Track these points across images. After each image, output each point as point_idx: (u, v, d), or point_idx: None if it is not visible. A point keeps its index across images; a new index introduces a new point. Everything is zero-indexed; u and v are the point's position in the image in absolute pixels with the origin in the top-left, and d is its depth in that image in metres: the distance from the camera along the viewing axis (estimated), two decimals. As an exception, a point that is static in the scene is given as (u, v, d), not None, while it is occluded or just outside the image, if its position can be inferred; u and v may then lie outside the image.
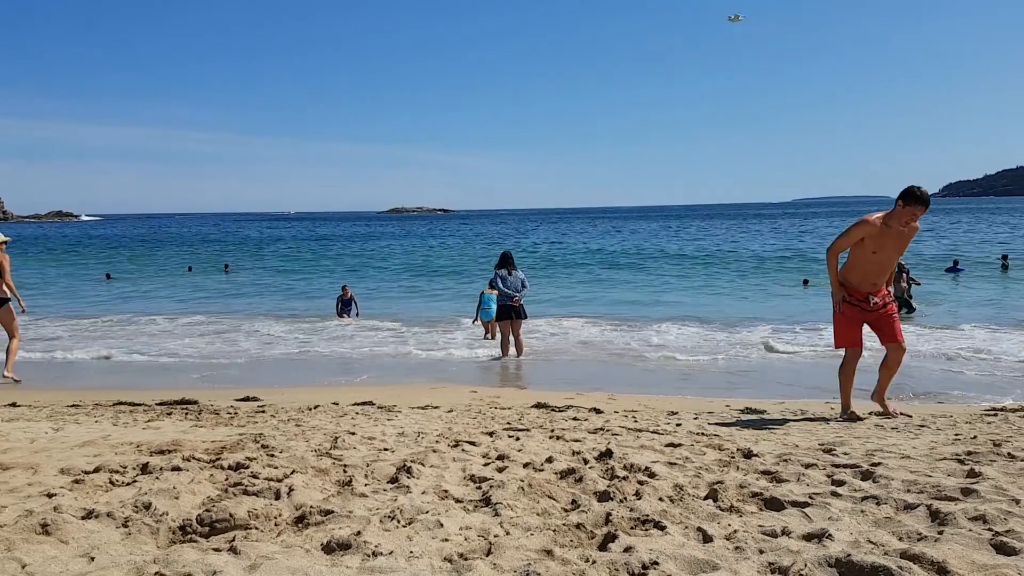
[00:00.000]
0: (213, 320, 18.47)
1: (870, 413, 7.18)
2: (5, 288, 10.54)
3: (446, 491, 3.89)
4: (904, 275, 17.38)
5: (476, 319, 15.31)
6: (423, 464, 4.44)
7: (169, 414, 7.42)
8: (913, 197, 6.32)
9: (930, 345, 13.03)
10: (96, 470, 4.34)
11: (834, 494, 3.78)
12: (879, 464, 4.42)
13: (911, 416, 7.00)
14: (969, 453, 4.80)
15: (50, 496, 3.74)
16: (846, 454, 4.91)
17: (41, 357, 13.03)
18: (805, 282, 24.19)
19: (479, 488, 3.97)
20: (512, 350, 12.76)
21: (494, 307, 14.79)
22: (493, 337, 14.87)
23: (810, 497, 3.71)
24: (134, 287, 28.20)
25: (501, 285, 12.88)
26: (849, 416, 6.82)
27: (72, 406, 8.14)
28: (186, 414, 7.40)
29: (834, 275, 6.74)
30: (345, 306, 17.94)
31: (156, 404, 8.13)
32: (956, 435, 5.78)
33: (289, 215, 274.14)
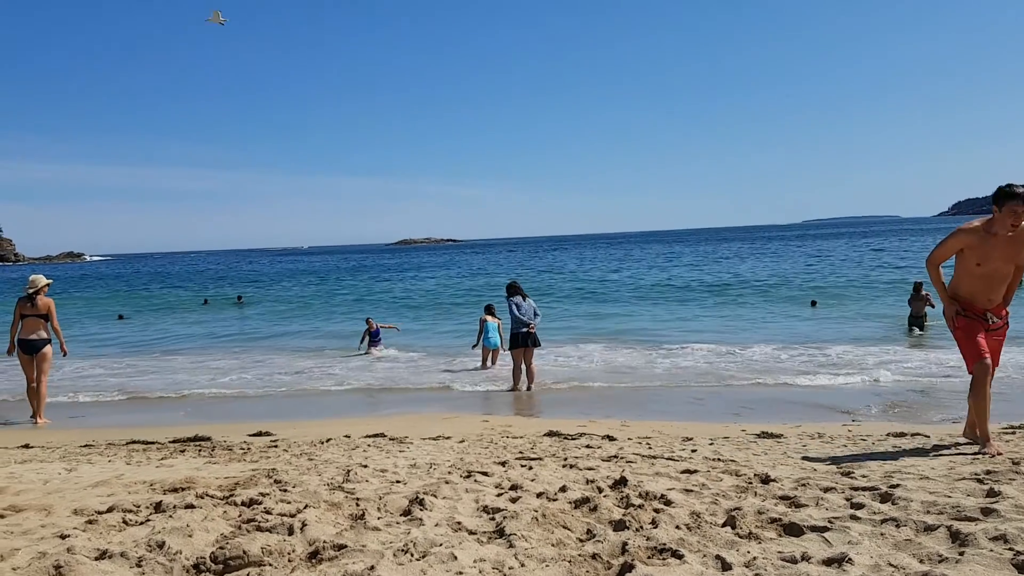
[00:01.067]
0: (227, 354, 18.52)
1: (887, 434, 7.09)
2: (51, 330, 10.73)
3: (459, 523, 3.86)
4: (923, 296, 17.18)
5: (477, 345, 15.07)
6: (436, 496, 4.41)
7: (182, 451, 7.41)
8: (1008, 195, 5.51)
9: (936, 366, 12.94)
10: (109, 510, 4.32)
11: (853, 517, 3.73)
12: (898, 486, 4.37)
13: (929, 436, 6.92)
14: (988, 472, 4.75)
15: (63, 537, 3.73)
16: (864, 476, 4.86)
17: (63, 399, 13.07)
18: (813, 303, 24.00)
19: (492, 519, 3.94)
20: (524, 379, 12.65)
21: (495, 335, 14.76)
22: (494, 364, 14.79)
23: (829, 521, 3.66)
24: (149, 323, 28.31)
25: (516, 312, 12.70)
26: (987, 448, 5.72)
27: (85, 446, 8.14)
28: (199, 451, 7.39)
29: (940, 288, 6.02)
30: (373, 337, 17.48)
31: (169, 442, 8.12)
32: (974, 455, 5.71)
33: (302, 249, 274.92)
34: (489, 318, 14.89)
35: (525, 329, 12.60)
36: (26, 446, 8.23)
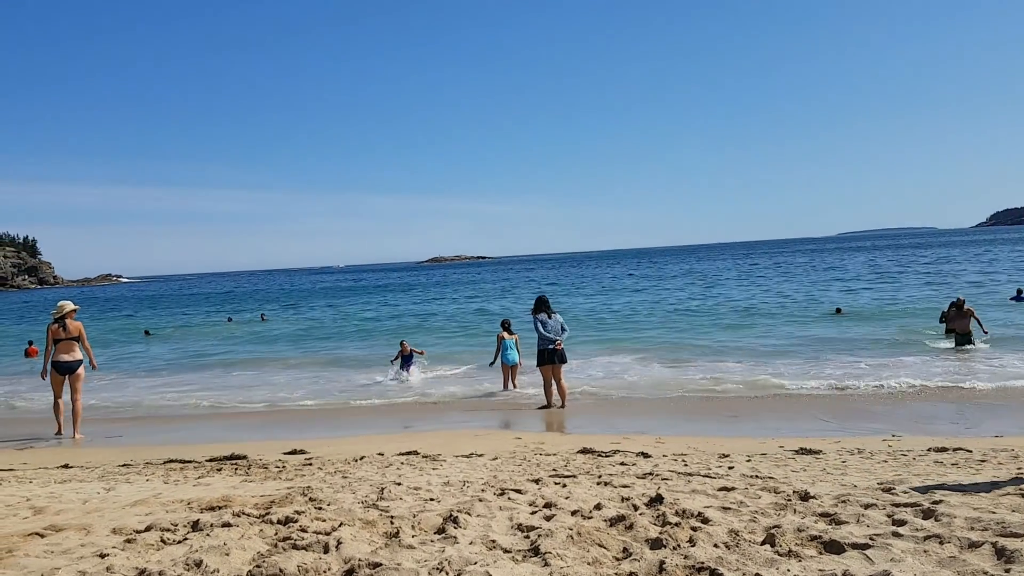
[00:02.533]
0: (245, 372, 18.71)
1: (928, 449, 6.97)
2: (83, 349, 11.41)
3: (494, 541, 3.84)
4: (970, 316, 16.56)
5: (494, 362, 14.80)
6: (469, 514, 4.40)
7: (219, 470, 7.47)
8: None
9: (986, 376, 12.69)
10: (147, 529, 4.36)
11: (895, 534, 3.66)
12: (940, 502, 4.27)
13: (971, 451, 6.78)
14: (1035, 488, 4.63)
15: (103, 556, 3.77)
16: (906, 493, 4.76)
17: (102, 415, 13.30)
18: (838, 311, 24.25)
19: (527, 537, 3.91)
20: (555, 397, 12.52)
21: (513, 352, 14.56)
22: (515, 384, 14.48)
23: (871, 538, 3.59)
24: (178, 343, 28.73)
25: (542, 330, 12.51)
26: None
27: (123, 465, 8.24)
28: (235, 469, 7.45)
29: None
30: (406, 362, 16.72)
31: (206, 460, 8.20)
32: (1019, 469, 5.58)
33: (335, 268, 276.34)
34: (506, 335, 14.67)
35: (552, 346, 12.41)
36: (66, 466, 8.36)
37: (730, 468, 6.32)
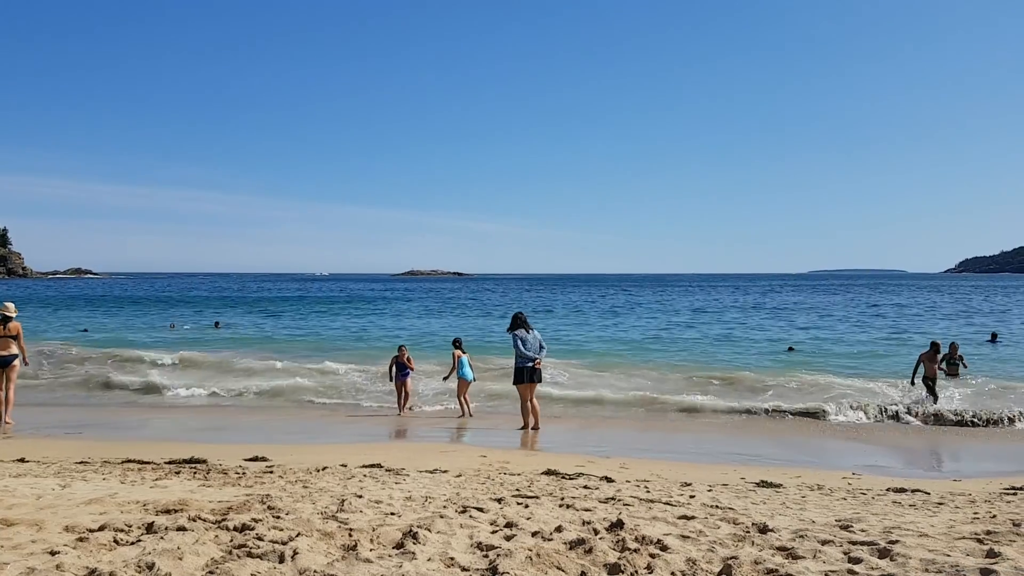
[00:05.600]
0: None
1: (888, 489, 7.03)
2: (20, 348, 12.38)
3: (452, 559, 3.82)
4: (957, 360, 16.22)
5: (448, 377, 14.51)
6: (430, 530, 4.38)
7: (177, 473, 7.37)
8: None
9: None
10: (101, 528, 4.30)
11: (851, 572, 3.69)
12: (897, 542, 4.31)
13: (929, 493, 6.86)
14: (988, 532, 4.69)
15: (53, 554, 3.70)
16: (863, 531, 4.80)
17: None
18: (790, 349, 24.33)
19: (486, 556, 3.90)
20: (531, 418, 12.19)
21: (467, 369, 14.29)
22: (466, 401, 14.09)
23: (826, 575, 3.62)
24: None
25: (521, 347, 12.11)
26: None
27: (80, 463, 8.11)
28: (194, 473, 7.35)
29: None
30: (400, 370, 14.77)
31: (165, 462, 8.09)
32: (975, 514, 5.65)
33: (319, 276, 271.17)
34: (460, 352, 14.47)
35: (531, 364, 12.08)
36: (21, 460, 8.21)
37: (691, 497, 6.34)
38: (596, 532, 4.54)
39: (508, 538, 4.30)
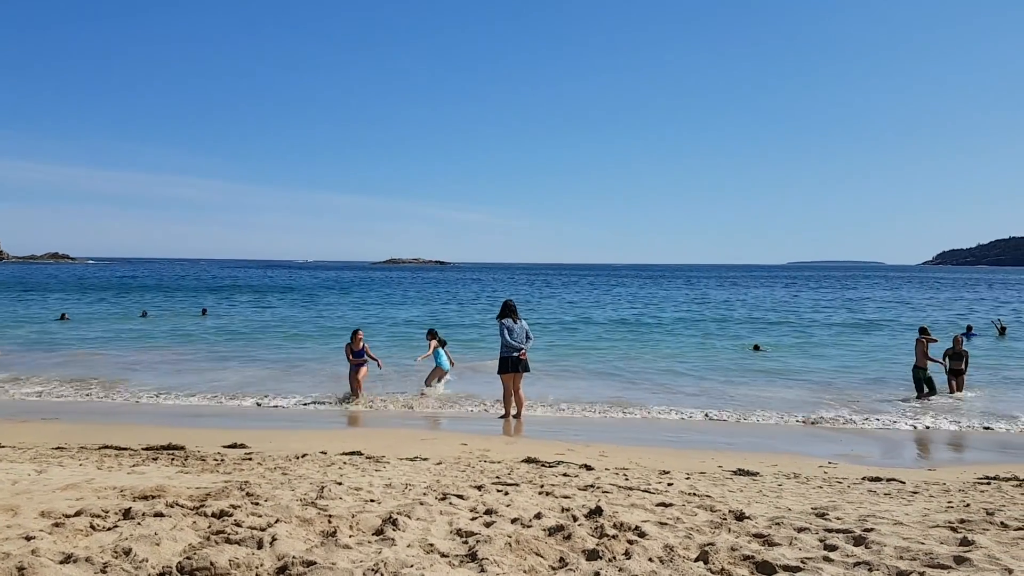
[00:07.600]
0: (181, 363, 18.40)
1: (863, 478, 7.11)
2: None
3: (432, 545, 3.83)
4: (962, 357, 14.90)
5: (422, 359, 14.82)
6: (409, 517, 4.38)
7: (155, 459, 7.33)
8: None
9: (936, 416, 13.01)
10: (77, 514, 4.26)
11: (826, 559, 3.73)
12: (872, 530, 4.37)
13: (904, 482, 6.94)
14: (962, 521, 4.76)
15: (29, 539, 3.67)
16: (839, 519, 4.86)
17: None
18: (756, 347, 23.37)
19: (465, 543, 3.91)
20: (513, 407, 12.17)
21: (443, 359, 14.62)
22: (439, 382, 14.52)
23: (802, 562, 3.66)
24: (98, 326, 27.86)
25: (507, 336, 12.03)
26: None
27: (57, 448, 8.03)
28: (172, 459, 7.31)
29: None
30: (357, 357, 14.03)
31: (142, 449, 8.04)
32: (949, 503, 5.73)
33: (299, 263, 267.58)
34: (434, 343, 14.72)
35: (516, 354, 12.00)
36: (-4, 445, 8.13)
37: (669, 484, 6.38)
38: (575, 519, 4.56)
39: (488, 525, 4.31)
